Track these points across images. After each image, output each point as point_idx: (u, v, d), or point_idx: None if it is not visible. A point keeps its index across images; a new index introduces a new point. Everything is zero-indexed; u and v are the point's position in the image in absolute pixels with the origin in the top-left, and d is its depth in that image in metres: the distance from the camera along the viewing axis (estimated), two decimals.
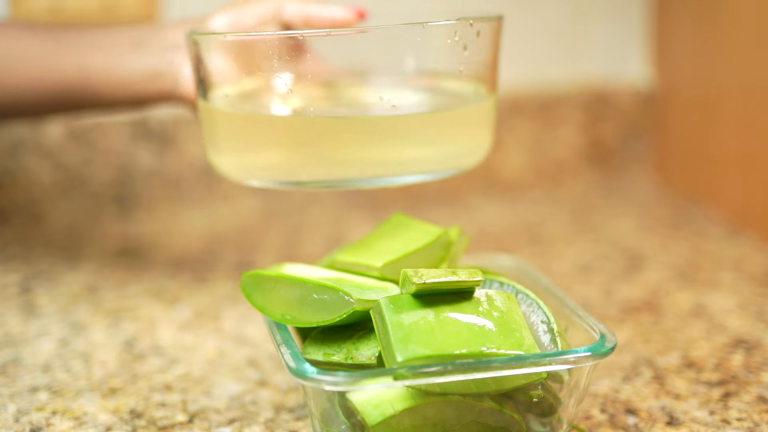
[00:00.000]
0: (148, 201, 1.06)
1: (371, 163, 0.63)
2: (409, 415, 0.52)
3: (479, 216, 1.04)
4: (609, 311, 0.76)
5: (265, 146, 0.64)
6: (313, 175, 0.63)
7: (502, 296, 0.54)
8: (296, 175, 0.63)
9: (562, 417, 0.55)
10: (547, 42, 1.15)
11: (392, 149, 0.63)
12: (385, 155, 0.63)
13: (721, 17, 0.99)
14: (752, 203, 0.94)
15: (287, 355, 0.52)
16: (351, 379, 0.50)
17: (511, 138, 1.15)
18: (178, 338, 0.73)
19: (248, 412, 0.61)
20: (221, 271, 0.87)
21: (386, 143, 0.62)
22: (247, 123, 0.65)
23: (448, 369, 0.50)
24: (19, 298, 0.81)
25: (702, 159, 1.05)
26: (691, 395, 0.62)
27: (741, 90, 0.96)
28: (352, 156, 0.62)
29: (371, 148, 0.62)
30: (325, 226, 1.01)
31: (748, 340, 0.70)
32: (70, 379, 0.66)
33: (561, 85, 1.16)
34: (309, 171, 0.63)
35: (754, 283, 0.82)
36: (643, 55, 1.17)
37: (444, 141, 0.64)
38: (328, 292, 0.54)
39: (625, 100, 1.16)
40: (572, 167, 1.17)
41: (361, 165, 0.63)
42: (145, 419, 0.60)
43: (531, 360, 0.51)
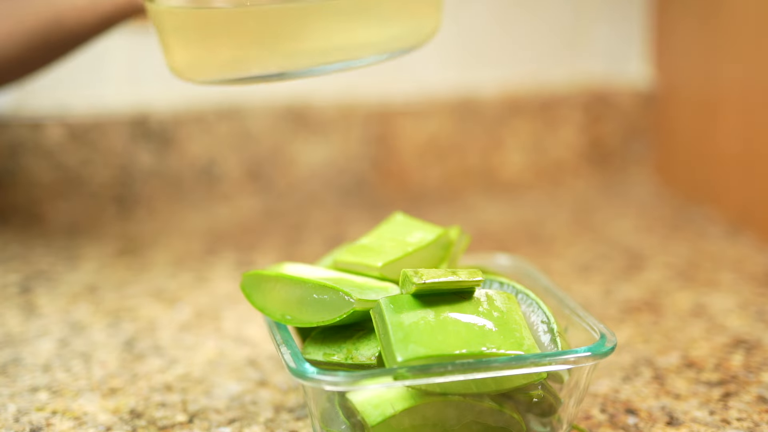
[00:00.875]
0: (148, 201, 1.06)
1: (319, 51, 0.63)
2: (409, 415, 0.52)
3: (479, 216, 1.04)
4: (609, 311, 0.76)
5: (211, 42, 0.64)
6: (264, 67, 0.63)
7: (502, 296, 0.54)
8: (247, 70, 0.63)
9: (562, 417, 0.55)
10: (547, 42, 1.15)
11: (336, 34, 0.63)
12: (331, 40, 0.62)
13: (722, 17, 0.99)
14: (752, 203, 0.94)
15: (287, 355, 0.52)
16: (351, 379, 0.50)
17: (511, 138, 1.15)
18: (178, 338, 0.73)
19: (248, 412, 0.61)
20: (221, 271, 0.87)
21: (330, 28, 0.62)
22: (191, 19, 0.65)
23: (448, 369, 0.50)
24: (19, 298, 0.81)
25: (702, 159, 1.05)
26: (691, 395, 0.62)
27: (741, 90, 0.96)
28: (297, 45, 0.62)
29: (317, 35, 0.62)
30: (325, 226, 1.01)
31: (748, 340, 0.70)
32: (70, 379, 0.66)
33: (561, 85, 1.16)
34: (258, 64, 0.63)
35: (754, 283, 0.82)
36: (643, 55, 1.17)
37: (389, 20, 0.65)
38: (328, 292, 0.54)
39: (625, 100, 1.16)
40: (572, 167, 1.17)
41: (309, 53, 0.62)
42: (145, 419, 0.60)
43: (531, 360, 0.51)
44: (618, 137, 1.17)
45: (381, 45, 0.64)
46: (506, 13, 1.14)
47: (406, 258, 0.59)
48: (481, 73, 1.14)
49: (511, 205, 1.09)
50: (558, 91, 1.15)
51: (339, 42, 0.63)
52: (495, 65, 1.15)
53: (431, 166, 1.14)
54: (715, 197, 1.02)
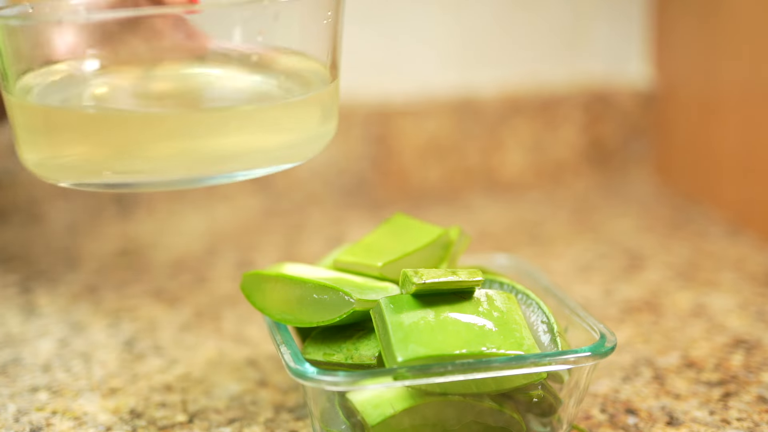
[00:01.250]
0: (148, 201, 1.06)
1: (188, 160, 0.55)
2: (409, 415, 0.52)
3: (479, 216, 1.04)
4: (609, 311, 0.76)
5: (63, 143, 0.56)
6: (119, 175, 0.55)
7: (502, 296, 0.54)
8: (99, 176, 0.55)
9: (562, 417, 0.55)
10: (547, 42, 1.15)
11: (210, 145, 0.54)
12: (204, 151, 0.55)
13: (722, 17, 0.99)
14: (753, 203, 0.94)
15: (287, 355, 0.52)
16: (351, 379, 0.50)
17: (511, 138, 1.15)
18: (178, 338, 0.73)
19: (248, 412, 0.61)
20: (221, 271, 0.87)
21: (205, 138, 0.54)
22: (43, 116, 0.56)
23: (448, 369, 0.50)
24: (19, 298, 0.81)
25: (702, 159, 1.05)
26: (691, 395, 0.62)
27: (741, 90, 0.96)
28: (163, 152, 0.54)
29: (183, 144, 0.54)
30: (325, 226, 1.01)
31: (748, 340, 0.70)
32: (70, 379, 0.66)
33: (561, 85, 1.16)
34: (112, 169, 0.55)
35: (754, 283, 0.82)
36: (643, 55, 1.17)
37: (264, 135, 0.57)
38: (328, 292, 0.54)
39: (625, 100, 1.16)
40: (572, 167, 1.17)
41: (175, 162, 0.55)
42: (145, 419, 0.60)
43: (531, 360, 0.51)
44: (618, 137, 1.17)
45: (262, 157, 0.57)
46: (506, 13, 1.14)
47: (406, 258, 0.59)
48: (481, 73, 1.14)
49: (511, 205, 1.09)
50: (558, 91, 1.15)
51: (211, 153, 0.55)
52: (495, 65, 1.15)
53: (431, 166, 1.14)
54: (715, 197, 1.02)
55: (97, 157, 0.55)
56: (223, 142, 0.54)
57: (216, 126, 0.54)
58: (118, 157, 0.54)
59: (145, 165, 0.54)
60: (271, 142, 0.56)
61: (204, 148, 0.54)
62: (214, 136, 0.54)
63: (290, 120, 0.57)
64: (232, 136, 0.54)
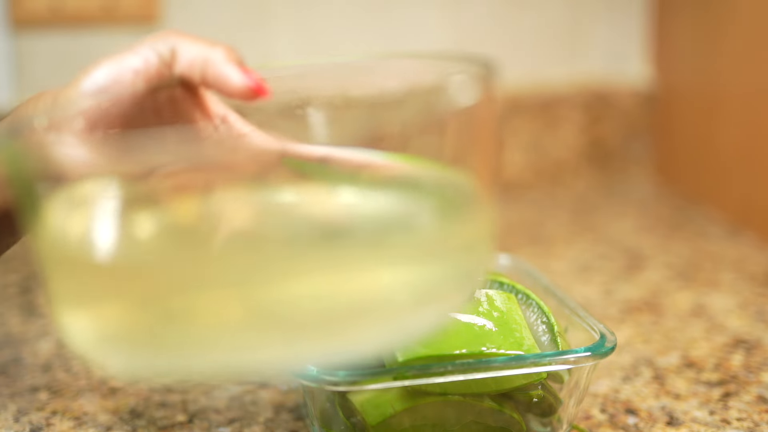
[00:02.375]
0: None
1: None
2: (409, 415, 0.52)
3: None
4: (609, 311, 0.76)
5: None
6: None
7: (502, 296, 0.54)
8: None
9: (562, 417, 0.55)
10: (547, 42, 1.15)
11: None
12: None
13: (722, 17, 0.99)
14: (753, 203, 0.94)
15: None
16: (351, 379, 0.50)
17: (511, 138, 1.15)
18: None
19: (248, 412, 0.61)
20: None
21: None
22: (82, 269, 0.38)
23: (448, 369, 0.50)
24: (19, 298, 0.81)
25: (702, 159, 1.05)
26: (691, 395, 0.62)
27: (741, 89, 0.96)
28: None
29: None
30: None
31: (748, 340, 0.70)
32: (70, 379, 0.66)
33: (561, 85, 1.16)
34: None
35: (754, 283, 0.82)
36: (643, 55, 1.17)
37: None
38: None
39: (625, 100, 1.16)
40: (572, 167, 1.17)
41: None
42: (145, 419, 0.60)
43: (531, 360, 0.51)
44: (618, 137, 1.17)
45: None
46: (506, 14, 1.14)
47: None
48: None
49: (511, 205, 1.09)
50: (558, 91, 1.15)
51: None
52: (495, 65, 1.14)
53: None
54: (716, 197, 1.02)
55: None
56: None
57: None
58: None
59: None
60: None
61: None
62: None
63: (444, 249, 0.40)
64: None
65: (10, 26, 1.01)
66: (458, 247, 0.40)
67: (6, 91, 1.02)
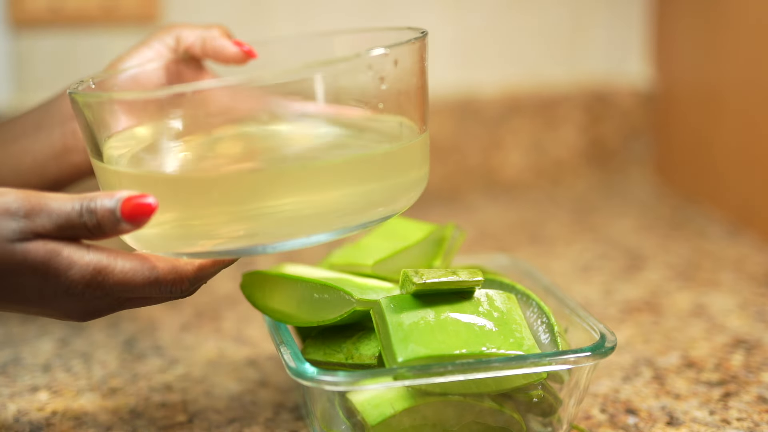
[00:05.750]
0: None
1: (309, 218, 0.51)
2: (409, 415, 0.52)
3: (479, 216, 1.04)
4: (609, 311, 0.76)
5: (191, 208, 0.51)
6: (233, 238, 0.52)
7: (502, 296, 0.54)
8: (219, 242, 0.52)
9: (562, 417, 0.55)
10: (547, 42, 1.15)
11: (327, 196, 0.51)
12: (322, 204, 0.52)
13: (722, 17, 0.99)
14: (752, 203, 0.94)
15: (287, 355, 0.52)
16: (351, 379, 0.50)
17: (511, 138, 1.15)
18: (178, 338, 0.73)
19: (248, 412, 0.61)
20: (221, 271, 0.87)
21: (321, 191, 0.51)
22: (144, 182, 0.52)
23: (448, 369, 0.50)
24: None
25: (702, 159, 1.05)
26: (691, 395, 0.62)
27: (741, 90, 0.96)
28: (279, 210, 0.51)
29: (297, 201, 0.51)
30: None
31: (748, 340, 0.70)
32: (70, 379, 0.66)
33: (561, 85, 1.16)
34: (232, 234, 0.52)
35: (754, 283, 0.82)
36: (643, 55, 1.17)
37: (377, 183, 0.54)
38: (329, 292, 0.54)
39: (625, 100, 1.16)
40: (572, 167, 1.17)
41: (291, 221, 0.51)
42: (145, 419, 0.60)
43: (531, 360, 0.51)
44: (618, 137, 1.17)
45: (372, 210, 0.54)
46: (506, 14, 1.14)
47: (398, 255, 0.59)
48: (481, 73, 1.14)
49: (511, 205, 1.09)
50: (558, 91, 1.15)
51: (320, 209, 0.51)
52: (495, 65, 1.15)
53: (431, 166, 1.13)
54: (715, 197, 1.02)
55: (218, 221, 0.51)
56: (330, 195, 0.51)
57: (326, 179, 0.51)
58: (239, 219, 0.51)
59: (261, 226, 0.51)
60: (375, 191, 0.53)
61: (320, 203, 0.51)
62: (324, 190, 0.51)
63: (391, 168, 0.54)
64: (337, 188, 0.51)
65: (10, 26, 1.01)
66: (399, 166, 0.54)
67: (6, 91, 1.02)
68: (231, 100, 0.54)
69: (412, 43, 0.53)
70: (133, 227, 0.49)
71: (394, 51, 0.52)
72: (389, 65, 0.52)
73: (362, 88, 0.53)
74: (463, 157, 1.14)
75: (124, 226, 0.48)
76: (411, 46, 0.53)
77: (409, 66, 0.54)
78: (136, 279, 0.50)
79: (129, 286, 0.50)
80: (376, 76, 0.52)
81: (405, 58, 0.53)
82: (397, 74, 0.53)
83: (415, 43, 0.53)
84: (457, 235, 0.64)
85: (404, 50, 0.53)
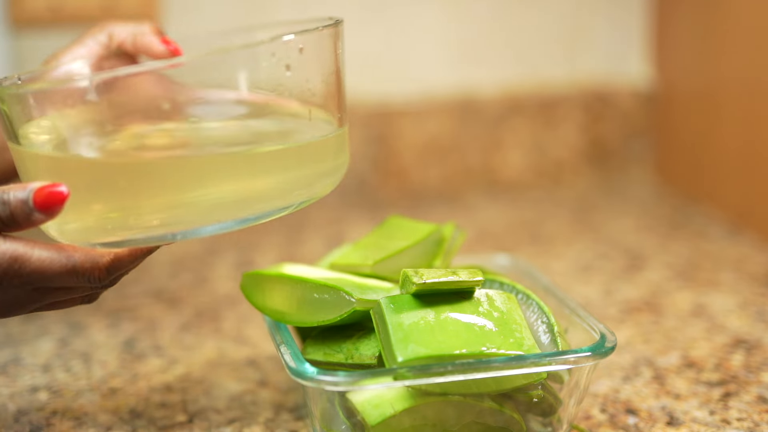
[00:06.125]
0: None
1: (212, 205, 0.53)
2: (409, 415, 0.52)
3: (479, 216, 1.04)
4: (609, 311, 0.76)
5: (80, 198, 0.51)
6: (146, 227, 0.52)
7: (502, 296, 0.54)
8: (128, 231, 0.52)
9: (562, 417, 0.55)
10: (547, 42, 1.15)
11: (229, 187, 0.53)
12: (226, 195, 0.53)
13: (721, 17, 0.99)
14: (753, 203, 0.94)
15: (287, 355, 0.52)
16: (351, 379, 0.50)
17: (511, 138, 1.15)
18: (178, 338, 0.73)
19: (248, 412, 0.61)
20: (221, 271, 0.87)
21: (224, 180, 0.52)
22: (64, 168, 0.52)
23: (448, 369, 0.50)
24: None
25: (702, 159, 1.05)
26: (691, 395, 0.62)
27: (741, 90, 0.96)
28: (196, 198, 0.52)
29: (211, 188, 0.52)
30: (325, 226, 1.01)
31: (748, 340, 0.70)
32: (70, 379, 0.66)
33: (561, 85, 1.16)
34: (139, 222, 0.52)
35: (754, 283, 0.82)
36: (643, 55, 1.17)
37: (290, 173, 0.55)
38: (329, 292, 0.54)
39: (625, 100, 1.16)
40: (572, 167, 1.17)
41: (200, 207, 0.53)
42: (145, 419, 0.60)
43: (531, 360, 0.51)
44: (618, 137, 1.17)
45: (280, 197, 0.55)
46: (506, 14, 1.14)
47: (397, 255, 0.59)
48: (481, 73, 1.14)
49: (511, 205, 1.09)
50: (558, 90, 1.15)
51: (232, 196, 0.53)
52: (495, 65, 1.15)
53: (431, 166, 1.14)
54: (715, 197, 1.02)
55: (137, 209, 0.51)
56: (250, 183, 0.53)
57: (245, 168, 0.52)
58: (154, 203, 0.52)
59: (176, 216, 0.52)
60: (290, 180, 0.54)
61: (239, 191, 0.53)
62: (245, 178, 0.53)
63: (308, 158, 0.55)
64: (259, 177, 0.53)
65: (10, 26, 1.01)
66: (318, 154, 0.55)
67: None
68: (146, 91, 0.56)
69: (319, 30, 0.53)
70: (47, 217, 0.50)
71: (298, 38, 0.52)
72: (294, 53, 0.52)
73: (268, 76, 0.53)
74: (463, 157, 1.14)
75: (37, 216, 0.50)
76: (317, 33, 0.53)
77: (317, 54, 0.54)
78: (53, 267, 0.51)
79: (46, 275, 0.51)
80: (281, 63, 0.52)
81: (311, 45, 0.53)
82: (304, 62, 0.53)
83: (322, 31, 0.53)
84: (457, 235, 0.64)
85: (309, 38, 0.53)
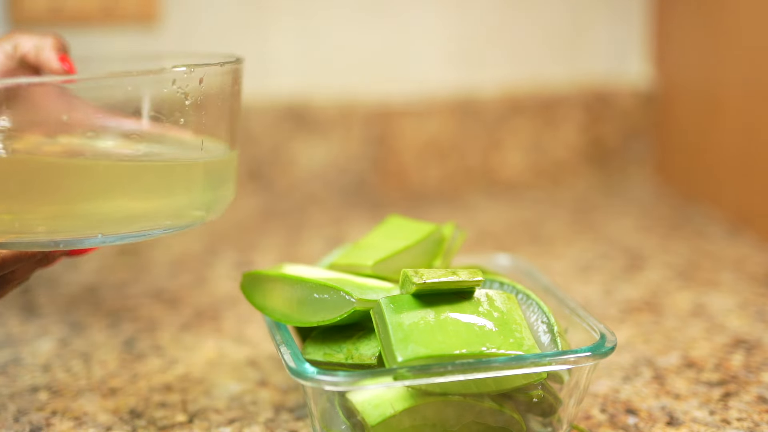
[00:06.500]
0: None
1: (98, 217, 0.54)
2: (409, 415, 0.52)
3: (479, 216, 1.04)
4: (609, 311, 0.76)
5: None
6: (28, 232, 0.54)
7: (502, 296, 0.54)
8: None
9: (562, 417, 0.55)
10: (547, 42, 1.15)
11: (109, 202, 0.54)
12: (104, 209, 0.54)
13: (722, 17, 0.99)
14: (752, 203, 0.94)
15: (287, 355, 0.52)
16: (351, 379, 0.50)
17: (511, 138, 1.15)
18: (178, 338, 0.73)
19: (248, 412, 0.61)
20: (221, 271, 0.87)
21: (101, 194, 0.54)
22: None
23: (448, 369, 0.50)
24: (19, 298, 0.81)
25: (702, 159, 1.05)
26: (691, 395, 0.62)
27: (741, 90, 0.96)
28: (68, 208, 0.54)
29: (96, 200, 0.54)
30: (325, 226, 1.01)
31: (748, 340, 0.70)
32: (70, 379, 0.66)
33: (561, 85, 1.16)
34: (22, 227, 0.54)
35: (754, 283, 0.82)
36: (643, 55, 1.17)
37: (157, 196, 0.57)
38: (329, 292, 0.54)
39: (625, 100, 1.16)
40: (572, 167, 1.17)
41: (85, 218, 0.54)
42: (145, 419, 0.60)
43: (531, 360, 0.51)
44: (618, 137, 1.17)
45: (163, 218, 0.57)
46: (506, 14, 1.14)
47: (398, 255, 0.59)
48: (481, 73, 1.14)
49: (511, 205, 1.09)
50: (558, 91, 1.15)
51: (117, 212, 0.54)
52: (495, 65, 1.15)
53: (431, 166, 1.14)
54: (715, 197, 1.02)
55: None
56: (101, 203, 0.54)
57: (95, 183, 0.54)
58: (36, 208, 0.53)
59: (58, 224, 0.54)
60: (155, 202, 0.56)
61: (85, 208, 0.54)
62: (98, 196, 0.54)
63: (176, 182, 0.57)
64: (114, 195, 0.55)
65: (10, 26, 1.01)
66: (210, 179, 0.58)
67: None
68: (47, 104, 0.56)
69: (219, 65, 0.57)
70: None
71: (198, 70, 0.55)
72: (194, 83, 0.55)
73: (166, 102, 0.56)
74: (463, 157, 1.14)
75: None
76: (217, 68, 0.57)
77: (216, 87, 0.57)
78: None
79: None
80: (180, 91, 0.55)
81: (211, 78, 0.56)
82: (203, 93, 0.56)
83: (223, 66, 0.57)
84: (457, 235, 0.64)
85: (210, 71, 0.56)
